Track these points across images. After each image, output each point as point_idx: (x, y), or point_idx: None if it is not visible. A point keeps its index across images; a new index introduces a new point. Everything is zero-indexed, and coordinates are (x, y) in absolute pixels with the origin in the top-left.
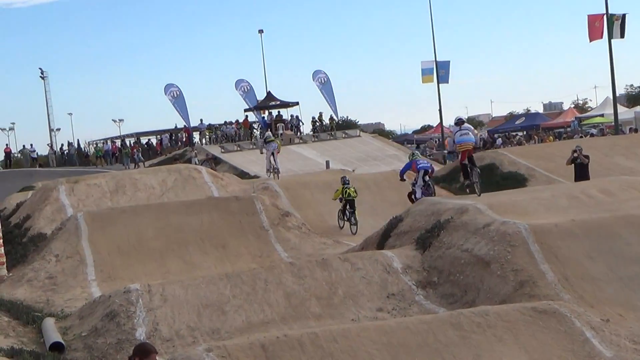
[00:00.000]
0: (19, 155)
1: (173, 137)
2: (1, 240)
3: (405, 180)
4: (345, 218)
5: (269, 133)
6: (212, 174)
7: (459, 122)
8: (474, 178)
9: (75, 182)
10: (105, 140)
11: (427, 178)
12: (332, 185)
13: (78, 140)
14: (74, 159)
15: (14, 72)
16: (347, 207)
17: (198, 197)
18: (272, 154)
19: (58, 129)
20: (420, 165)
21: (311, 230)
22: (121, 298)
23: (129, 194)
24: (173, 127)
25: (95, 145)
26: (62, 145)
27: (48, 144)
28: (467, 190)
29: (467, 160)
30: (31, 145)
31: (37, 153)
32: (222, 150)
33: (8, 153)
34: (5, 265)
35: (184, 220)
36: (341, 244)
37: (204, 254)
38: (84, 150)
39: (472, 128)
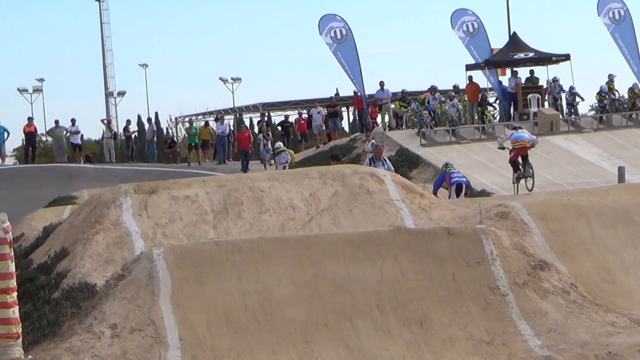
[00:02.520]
0: (49, 138)
1: (333, 113)
2: (15, 294)
3: (439, 197)
4: None
5: (279, 143)
6: (405, 185)
7: (516, 128)
8: (526, 172)
9: (152, 192)
10: (214, 116)
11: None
12: (630, 215)
13: (157, 115)
14: (149, 150)
15: None
16: None
17: (376, 227)
18: (284, 167)
19: (121, 94)
20: (453, 180)
21: (588, 297)
22: None
23: (247, 218)
24: (333, 95)
25: (188, 125)
26: (129, 122)
27: (103, 120)
28: (518, 183)
29: (520, 158)
30: (72, 121)
31: (81, 135)
32: (423, 141)
33: (30, 134)
34: (20, 339)
35: (349, 271)
36: None
37: (385, 334)
38: (168, 132)
39: (529, 133)
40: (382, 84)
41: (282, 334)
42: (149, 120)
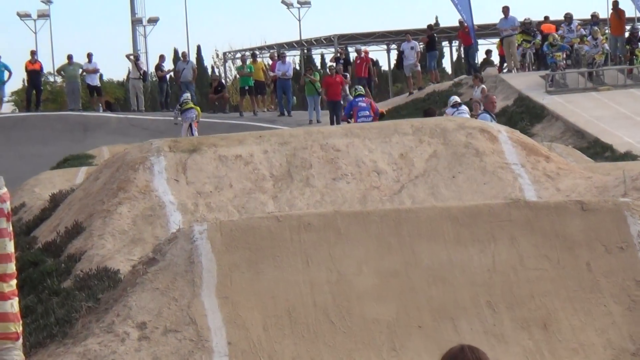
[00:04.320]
0: (58, 79)
1: (430, 46)
2: (14, 283)
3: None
4: None
5: (186, 95)
6: (525, 144)
7: (456, 104)
8: None
9: (193, 150)
10: (274, 52)
11: None
12: None
13: (199, 49)
14: (187, 94)
15: None
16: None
17: (487, 199)
18: (190, 126)
19: (153, 22)
20: (359, 115)
21: None
22: None
23: (318, 185)
24: (431, 26)
25: (239, 64)
26: (162, 59)
27: (129, 56)
28: None
29: None
30: (88, 56)
31: (100, 75)
32: (550, 87)
33: (34, 73)
34: (20, 341)
35: (450, 256)
36: None
37: (498, 340)
38: (214, 72)
39: (468, 110)
40: (505, 9)
41: (362, 337)
42: (184, 55)
